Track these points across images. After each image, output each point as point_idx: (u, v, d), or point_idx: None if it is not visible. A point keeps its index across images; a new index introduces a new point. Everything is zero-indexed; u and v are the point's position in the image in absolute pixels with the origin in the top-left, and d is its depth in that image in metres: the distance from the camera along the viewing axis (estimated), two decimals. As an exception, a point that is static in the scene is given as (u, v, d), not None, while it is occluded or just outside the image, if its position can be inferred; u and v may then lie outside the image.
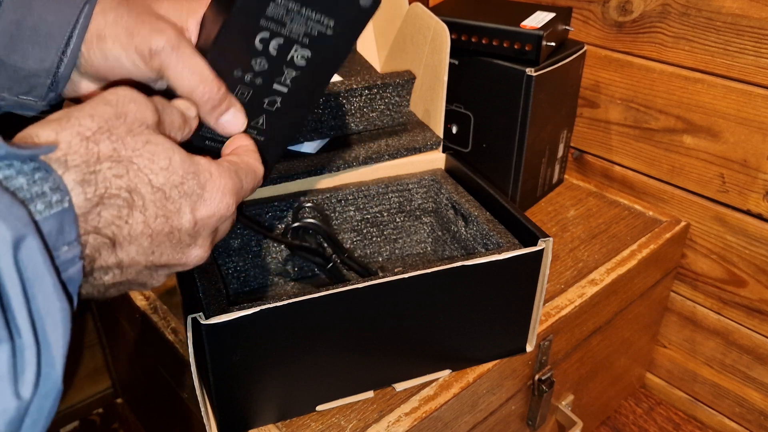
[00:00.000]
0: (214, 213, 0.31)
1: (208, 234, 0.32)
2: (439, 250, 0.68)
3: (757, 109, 0.70)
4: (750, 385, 0.82)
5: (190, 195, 0.30)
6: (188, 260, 0.32)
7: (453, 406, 0.55)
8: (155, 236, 0.29)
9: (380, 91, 0.65)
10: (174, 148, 0.30)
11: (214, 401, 0.48)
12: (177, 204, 0.30)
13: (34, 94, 0.38)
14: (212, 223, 0.32)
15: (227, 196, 0.32)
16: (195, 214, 0.31)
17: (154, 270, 0.31)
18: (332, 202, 0.63)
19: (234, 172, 0.33)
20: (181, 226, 0.30)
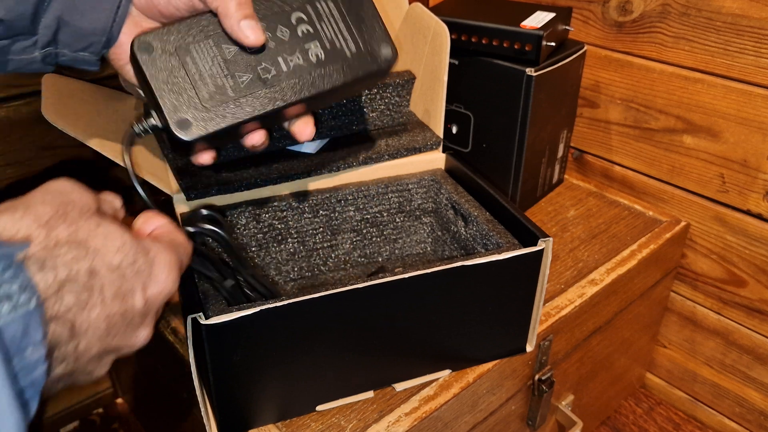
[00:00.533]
0: (162, 290, 0.32)
1: (155, 313, 0.32)
2: (439, 250, 0.68)
3: (757, 109, 0.70)
4: (750, 385, 0.82)
5: (142, 273, 0.30)
6: (136, 342, 0.32)
7: (453, 406, 0.55)
8: (111, 318, 0.29)
9: (380, 91, 0.65)
10: (123, 228, 0.31)
11: (214, 401, 0.48)
12: (131, 283, 0.30)
13: (91, 50, 0.43)
14: (160, 301, 0.32)
15: (173, 272, 0.32)
16: (146, 293, 0.31)
17: (104, 356, 0.31)
18: (332, 202, 0.63)
19: (174, 248, 0.34)
20: (134, 305, 0.30)
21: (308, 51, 0.44)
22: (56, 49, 0.43)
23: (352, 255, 0.67)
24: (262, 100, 0.43)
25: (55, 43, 0.42)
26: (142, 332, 0.32)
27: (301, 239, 0.63)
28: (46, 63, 0.43)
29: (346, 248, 0.66)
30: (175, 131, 0.41)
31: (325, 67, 0.45)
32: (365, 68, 0.46)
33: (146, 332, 0.32)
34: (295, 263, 0.65)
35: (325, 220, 0.63)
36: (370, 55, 0.46)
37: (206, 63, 0.42)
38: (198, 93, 0.42)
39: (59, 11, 0.41)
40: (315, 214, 0.63)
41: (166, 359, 0.61)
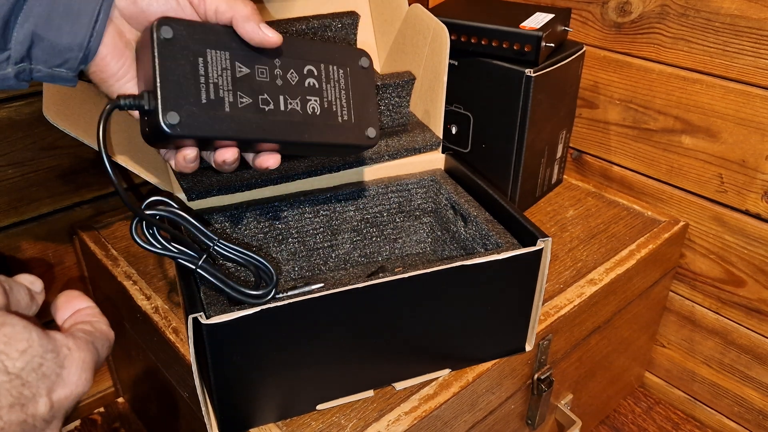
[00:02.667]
0: (72, 392, 0.29)
1: (62, 415, 0.30)
2: (439, 250, 0.68)
3: (756, 109, 0.70)
4: (749, 384, 0.82)
5: (49, 376, 0.28)
6: None
7: (452, 405, 0.55)
8: (7, 428, 0.27)
9: (380, 92, 0.66)
10: (30, 327, 0.28)
11: (214, 400, 0.48)
12: (34, 389, 0.27)
13: (68, 66, 0.41)
14: (69, 403, 0.30)
15: (86, 372, 0.30)
16: (52, 397, 0.28)
17: None
18: (332, 202, 0.63)
19: (91, 343, 0.31)
20: (36, 412, 0.27)
21: (307, 102, 0.47)
22: (30, 65, 0.41)
23: (352, 255, 0.67)
24: (251, 127, 0.44)
25: (29, 59, 0.40)
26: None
27: (301, 239, 0.64)
28: (20, 80, 0.41)
29: (347, 248, 0.67)
30: (161, 119, 0.40)
31: (316, 122, 0.47)
32: (349, 139, 0.49)
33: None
34: (295, 263, 0.65)
35: (326, 220, 0.64)
36: (358, 129, 0.49)
37: (216, 71, 0.43)
38: (198, 95, 0.42)
39: (33, 26, 0.39)
40: (315, 214, 0.63)
41: (167, 359, 0.62)
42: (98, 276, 0.75)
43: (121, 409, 0.90)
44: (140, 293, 0.64)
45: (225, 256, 0.48)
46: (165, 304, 0.62)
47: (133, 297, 0.64)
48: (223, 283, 0.47)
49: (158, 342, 0.61)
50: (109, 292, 0.73)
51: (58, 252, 0.78)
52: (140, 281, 0.65)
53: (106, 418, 0.89)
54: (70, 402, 0.29)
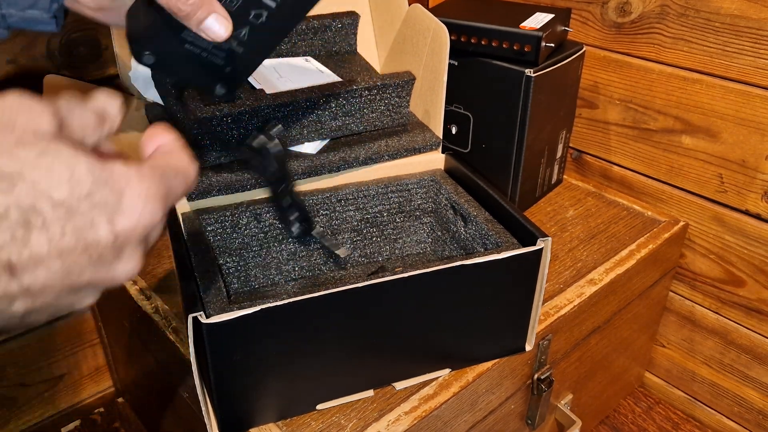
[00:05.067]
0: (138, 223, 0.28)
1: (136, 246, 0.29)
2: (439, 249, 0.68)
3: (756, 109, 0.70)
4: (748, 384, 0.82)
5: (104, 206, 0.27)
6: (116, 276, 0.28)
7: (452, 405, 0.55)
8: (66, 255, 0.26)
9: (380, 92, 0.66)
10: (78, 156, 0.27)
11: (214, 400, 0.48)
12: (88, 217, 0.26)
13: (40, 7, 0.39)
14: (138, 234, 0.28)
15: (151, 203, 0.28)
16: (114, 226, 0.27)
17: (78, 291, 0.28)
18: (332, 202, 0.63)
19: (159, 176, 0.30)
20: (98, 240, 0.27)
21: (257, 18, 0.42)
22: (1, 10, 0.39)
23: (353, 255, 0.67)
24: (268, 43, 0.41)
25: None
26: (120, 266, 0.28)
27: (301, 239, 0.64)
28: None
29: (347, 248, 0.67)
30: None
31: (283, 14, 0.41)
32: None
33: (128, 266, 0.28)
34: (295, 263, 0.65)
35: (326, 220, 0.64)
36: None
37: None
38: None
39: None
40: (315, 214, 0.63)
41: (167, 358, 0.62)
42: (98, 276, 0.75)
43: (121, 409, 0.90)
44: (140, 293, 0.64)
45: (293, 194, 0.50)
46: (165, 304, 0.62)
47: (133, 297, 0.64)
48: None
49: (158, 342, 0.61)
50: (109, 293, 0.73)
51: (58, 252, 0.78)
52: (140, 281, 0.66)
53: (106, 418, 0.89)
54: (139, 233, 0.28)
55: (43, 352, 0.83)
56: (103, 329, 0.86)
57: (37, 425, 0.86)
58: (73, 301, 0.28)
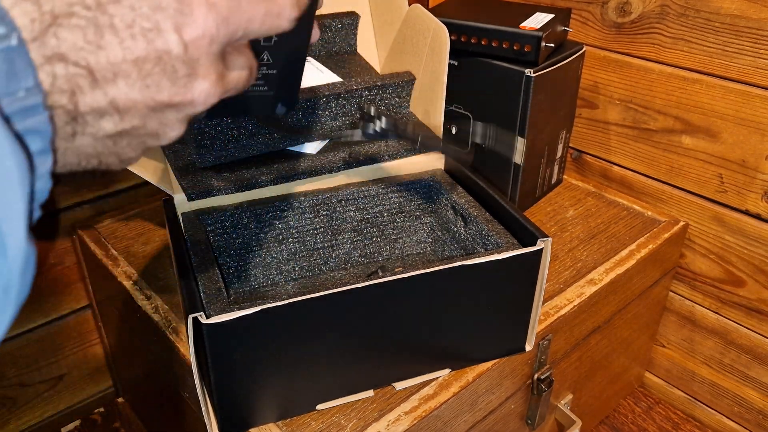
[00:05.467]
0: (204, 33, 0.26)
1: (210, 61, 0.27)
2: (439, 250, 0.68)
3: (756, 109, 0.70)
4: (748, 384, 0.82)
5: (166, 9, 0.25)
6: (194, 95, 0.27)
7: (452, 405, 0.55)
8: (141, 63, 0.25)
9: (380, 92, 0.66)
10: None
11: (214, 400, 0.48)
12: (153, 21, 0.25)
13: None
14: (205, 46, 0.27)
15: (215, 10, 0.27)
16: (182, 35, 0.26)
17: (160, 112, 0.27)
18: (332, 202, 0.63)
19: None
20: (168, 48, 0.25)
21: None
22: None
23: (353, 255, 0.67)
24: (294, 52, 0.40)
25: None
26: (197, 84, 0.27)
27: (301, 239, 0.64)
28: None
29: (347, 248, 0.67)
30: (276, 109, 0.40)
31: None
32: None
33: (204, 84, 0.27)
34: (295, 263, 0.65)
35: (326, 220, 0.64)
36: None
37: None
38: None
39: None
40: (316, 214, 0.63)
41: (167, 358, 0.62)
42: (98, 276, 0.75)
43: (121, 409, 0.90)
44: (140, 293, 0.64)
45: None
46: (165, 304, 0.62)
47: (133, 297, 0.64)
48: None
49: (158, 342, 0.61)
50: (109, 292, 0.73)
51: (58, 252, 0.78)
52: (140, 281, 0.66)
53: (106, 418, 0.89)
54: (207, 44, 0.27)
55: (43, 352, 0.83)
56: (103, 329, 0.86)
57: (37, 425, 0.86)
58: (158, 126, 0.27)
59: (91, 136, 0.26)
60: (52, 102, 0.24)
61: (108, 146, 0.27)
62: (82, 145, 0.26)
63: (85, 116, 0.25)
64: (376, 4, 0.74)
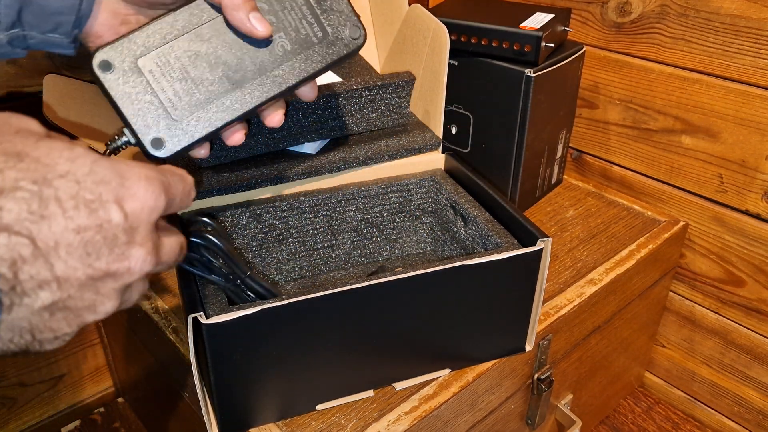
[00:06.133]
0: (144, 204, 0.28)
1: (147, 231, 0.29)
2: (439, 250, 0.68)
3: (756, 109, 0.70)
4: (748, 384, 0.82)
5: (108, 183, 0.27)
6: (132, 263, 0.28)
7: (452, 405, 0.55)
8: (84, 232, 0.26)
9: (380, 92, 0.66)
10: (73, 143, 0.27)
11: (214, 400, 0.48)
12: (96, 193, 0.27)
13: (61, 32, 0.40)
14: (146, 216, 0.28)
15: (152, 185, 0.29)
16: (123, 207, 0.27)
17: (99, 281, 0.27)
18: (332, 202, 0.63)
19: (155, 168, 0.30)
20: (110, 219, 0.27)
21: (273, 44, 0.43)
22: (23, 32, 0.39)
23: (353, 255, 0.67)
24: (233, 104, 0.42)
25: (20, 24, 0.39)
26: (135, 251, 0.28)
27: (301, 239, 0.64)
28: (15, 46, 0.39)
29: (347, 248, 0.67)
30: (150, 150, 0.40)
31: (292, 59, 0.43)
32: (333, 54, 0.44)
33: (141, 252, 0.28)
34: (295, 263, 0.65)
35: (326, 220, 0.64)
36: (338, 39, 0.44)
37: (170, 72, 0.40)
38: (166, 107, 0.40)
39: None
40: (315, 214, 0.63)
41: (167, 359, 0.62)
42: (98, 276, 0.75)
43: (121, 409, 0.90)
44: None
45: (252, 288, 0.50)
46: (165, 304, 0.62)
47: (133, 297, 0.63)
48: None
49: (158, 342, 0.61)
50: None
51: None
52: (140, 281, 0.65)
53: (106, 418, 0.89)
54: (146, 215, 0.28)
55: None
56: (103, 329, 0.86)
57: (37, 425, 0.86)
58: (95, 298, 0.28)
59: (27, 307, 0.25)
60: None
61: (44, 319, 0.27)
62: (17, 318, 0.25)
63: (24, 285, 0.25)
64: (376, 4, 0.74)
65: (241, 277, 0.49)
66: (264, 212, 0.61)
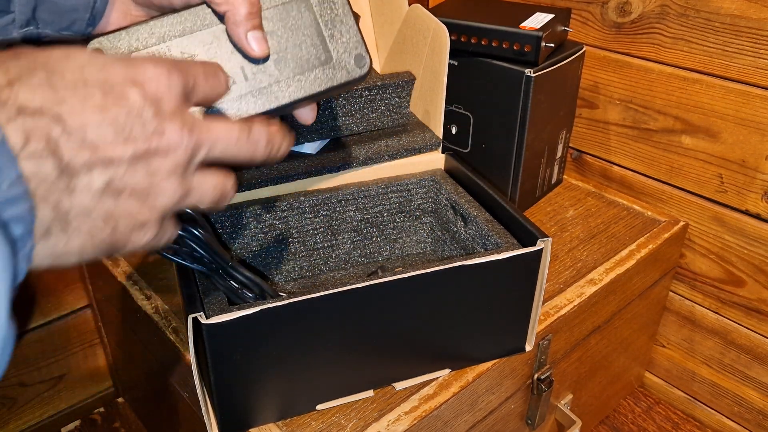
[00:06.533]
0: (158, 80, 0.28)
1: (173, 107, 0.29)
2: (439, 250, 0.68)
3: (755, 109, 0.70)
4: (748, 384, 0.82)
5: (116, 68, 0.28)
6: (170, 138, 0.28)
7: (452, 405, 0.55)
8: (105, 111, 0.26)
9: (380, 92, 0.66)
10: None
11: (214, 400, 0.48)
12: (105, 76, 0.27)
13: (75, 29, 0.40)
14: (163, 93, 0.29)
15: (161, 63, 0.29)
16: (137, 86, 0.28)
17: (146, 161, 0.27)
18: (332, 202, 0.63)
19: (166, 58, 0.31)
20: (127, 96, 0.27)
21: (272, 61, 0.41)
22: (37, 29, 0.39)
23: (353, 255, 0.67)
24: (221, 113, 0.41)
25: (35, 21, 0.39)
26: (168, 126, 0.28)
27: (301, 239, 0.64)
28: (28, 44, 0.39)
29: (347, 248, 0.67)
30: None
31: (288, 78, 0.42)
32: (334, 80, 0.43)
33: (174, 126, 0.28)
34: (295, 263, 0.65)
35: (326, 220, 0.64)
36: (341, 65, 0.43)
37: None
38: None
39: None
40: (315, 214, 0.63)
41: (167, 359, 0.62)
42: (98, 276, 0.75)
43: (121, 409, 0.91)
44: (140, 293, 0.64)
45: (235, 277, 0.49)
46: (165, 304, 0.62)
47: (133, 297, 0.64)
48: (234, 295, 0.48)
49: (158, 342, 0.61)
50: (109, 292, 0.73)
51: (58, 252, 0.78)
52: (140, 281, 0.66)
53: (106, 418, 0.89)
54: (164, 91, 0.29)
55: (43, 352, 0.83)
56: (103, 329, 0.86)
57: (37, 425, 0.86)
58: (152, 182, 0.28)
59: (87, 190, 0.26)
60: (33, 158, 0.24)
61: (112, 205, 0.27)
62: (83, 202, 0.26)
63: (70, 165, 0.25)
64: (376, 4, 0.74)
65: (223, 267, 0.48)
66: (264, 212, 0.61)
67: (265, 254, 0.63)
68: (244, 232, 0.61)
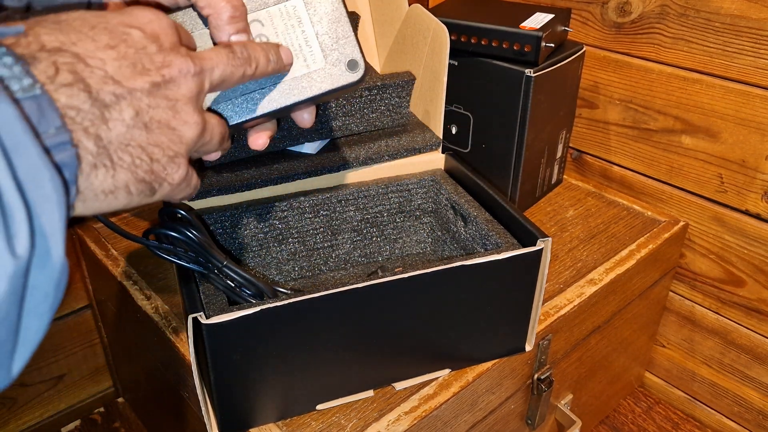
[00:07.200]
0: (150, 20, 0.31)
1: (172, 42, 0.31)
2: (439, 250, 0.68)
3: (756, 109, 0.70)
4: (748, 384, 0.82)
5: (111, 15, 0.30)
6: (179, 65, 0.31)
7: (452, 405, 0.55)
8: (113, 48, 0.28)
9: (380, 92, 0.66)
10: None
11: (214, 400, 0.48)
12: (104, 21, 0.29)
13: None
14: (159, 29, 0.31)
15: (148, 9, 0.31)
16: (134, 25, 0.30)
17: (163, 90, 0.30)
18: (332, 202, 0.63)
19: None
20: (129, 33, 0.30)
21: None
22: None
23: (353, 255, 0.67)
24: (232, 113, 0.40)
25: None
26: (173, 57, 0.31)
27: (301, 239, 0.64)
28: None
29: (347, 248, 0.67)
30: None
31: (278, 82, 0.40)
32: (326, 85, 0.41)
33: (178, 56, 0.31)
34: (295, 263, 0.65)
35: (326, 220, 0.64)
36: (335, 71, 0.41)
37: None
38: None
39: None
40: (315, 214, 0.63)
41: (167, 359, 0.62)
42: (98, 276, 0.75)
43: (121, 409, 0.90)
44: (140, 293, 0.64)
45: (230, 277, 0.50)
46: (165, 304, 0.62)
47: (133, 297, 0.64)
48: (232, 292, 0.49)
49: (158, 342, 0.61)
50: (109, 292, 0.73)
51: (58, 252, 0.78)
52: (140, 281, 0.66)
53: (106, 418, 0.89)
54: (159, 28, 0.31)
55: (43, 352, 0.83)
56: (103, 329, 0.86)
57: (37, 425, 0.86)
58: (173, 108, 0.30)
59: (121, 121, 0.28)
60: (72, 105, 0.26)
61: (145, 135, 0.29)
62: (120, 134, 0.28)
63: (99, 96, 0.27)
64: (376, 4, 0.74)
65: (218, 267, 0.49)
66: (264, 212, 0.61)
67: (265, 254, 0.63)
68: (244, 232, 0.61)
